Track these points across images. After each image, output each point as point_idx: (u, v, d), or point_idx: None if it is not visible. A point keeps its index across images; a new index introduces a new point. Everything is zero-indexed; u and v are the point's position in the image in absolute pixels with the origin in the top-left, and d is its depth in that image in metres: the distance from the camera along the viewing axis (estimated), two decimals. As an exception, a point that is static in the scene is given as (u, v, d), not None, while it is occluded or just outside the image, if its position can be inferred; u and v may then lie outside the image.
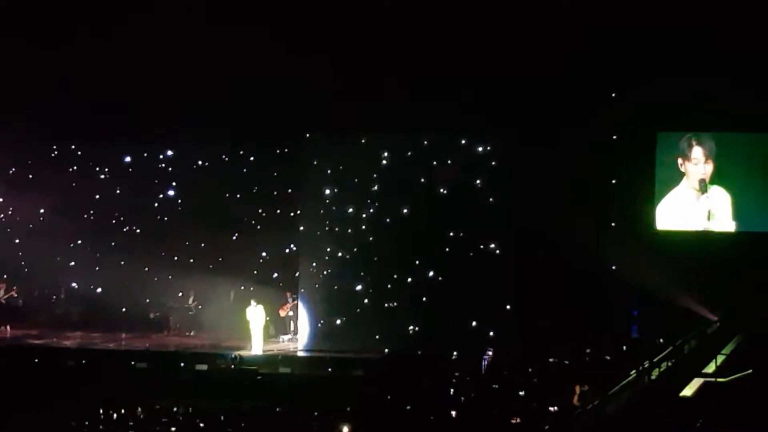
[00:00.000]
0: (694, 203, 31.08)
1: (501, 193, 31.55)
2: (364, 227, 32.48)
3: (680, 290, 29.98)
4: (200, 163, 35.67)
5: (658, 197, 31.43)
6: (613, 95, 30.93)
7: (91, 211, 36.33)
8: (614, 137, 31.30)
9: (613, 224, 31.14)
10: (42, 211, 36.28)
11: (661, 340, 28.98)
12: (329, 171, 32.67)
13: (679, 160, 31.07)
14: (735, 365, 24.84)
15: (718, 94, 29.31)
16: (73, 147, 36.15)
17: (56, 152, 36.25)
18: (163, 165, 36.05)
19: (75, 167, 36.34)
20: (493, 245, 31.75)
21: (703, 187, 30.89)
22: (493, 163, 31.48)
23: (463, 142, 31.68)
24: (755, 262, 29.86)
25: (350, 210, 32.50)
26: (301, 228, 33.30)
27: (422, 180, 32.17)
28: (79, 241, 36.26)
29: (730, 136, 31.00)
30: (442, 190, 31.89)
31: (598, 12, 29.91)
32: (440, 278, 31.96)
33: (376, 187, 32.41)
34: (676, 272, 29.85)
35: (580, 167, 30.54)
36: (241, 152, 35.15)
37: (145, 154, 35.83)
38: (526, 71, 30.30)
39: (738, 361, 25.20)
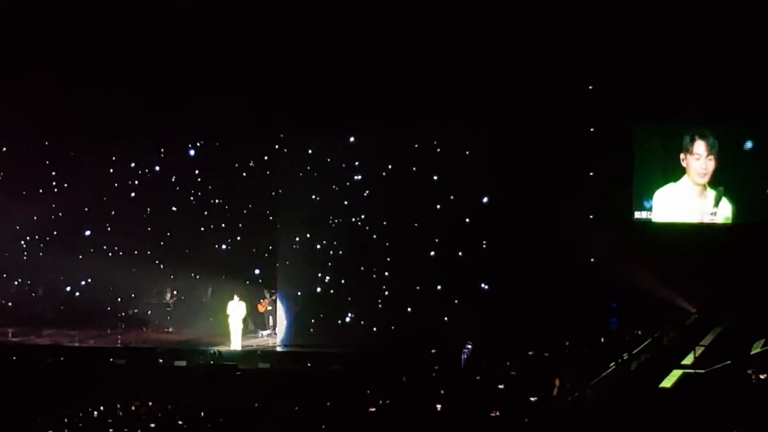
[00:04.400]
0: (692, 199, 31.07)
1: (479, 187, 31.59)
2: (342, 223, 32.51)
3: (659, 282, 30.01)
4: (177, 159, 35.59)
5: (636, 189, 31.48)
6: (590, 87, 30.98)
7: (68, 209, 36.27)
8: (591, 129, 31.33)
9: (591, 216, 31.18)
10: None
11: (639, 332, 29.04)
12: (307, 167, 32.68)
13: (682, 155, 31.04)
14: (714, 356, 24.91)
15: (695, 86, 29.40)
16: (46, 143, 35.99)
17: (30, 148, 36.08)
18: (141, 162, 35.91)
19: (48, 164, 36.20)
20: (471, 239, 31.81)
21: (703, 182, 30.88)
22: (471, 157, 31.47)
23: (439, 135, 31.68)
24: (734, 253, 29.90)
25: (328, 206, 32.50)
26: (279, 224, 33.31)
27: (399, 174, 32.19)
28: (56, 237, 36.26)
29: (721, 128, 30.99)
30: (418, 184, 31.90)
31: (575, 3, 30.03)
32: (419, 272, 31.98)
33: (353, 183, 32.43)
34: (654, 264, 29.88)
35: (557, 160, 30.57)
36: (220, 149, 35.07)
37: (121, 151, 35.64)
38: (501, 63, 30.33)
39: (717, 353, 25.26)
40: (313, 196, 32.55)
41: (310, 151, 32.70)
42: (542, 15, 30.09)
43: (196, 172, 35.37)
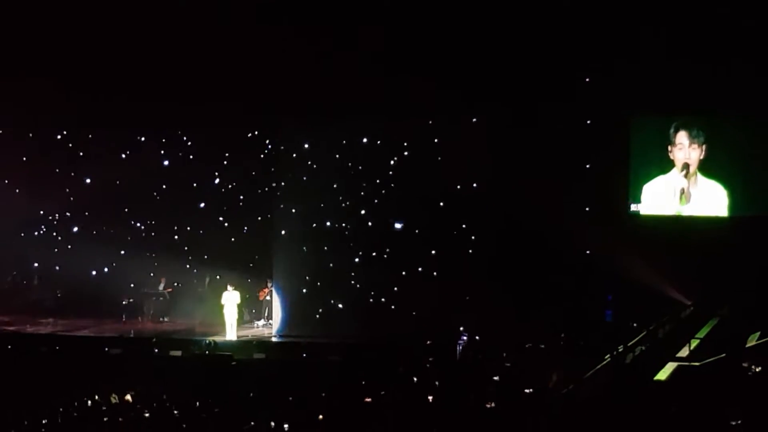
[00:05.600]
0: (679, 190, 31.07)
1: (477, 179, 31.60)
2: (339, 213, 32.51)
3: (654, 274, 30.01)
4: (176, 148, 35.58)
5: (632, 181, 31.48)
6: (587, 80, 30.96)
7: (67, 197, 36.25)
8: (588, 122, 31.32)
9: (587, 209, 31.18)
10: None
11: (635, 324, 29.04)
12: (306, 156, 32.72)
13: (669, 148, 31.06)
14: (709, 349, 24.90)
15: (694, 80, 29.39)
16: (46, 131, 35.90)
17: (31, 136, 36.04)
18: (138, 150, 35.86)
19: (48, 152, 36.13)
20: (468, 230, 31.83)
21: (687, 172, 30.89)
22: (468, 149, 31.44)
23: (436, 128, 31.67)
24: (730, 246, 29.91)
25: (326, 196, 32.49)
26: (277, 213, 33.32)
27: (397, 164, 32.21)
28: (53, 227, 36.27)
29: (717, 122, 31.00)
30: (415, 176, 31.89)
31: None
32: (415, 263, 31.99)
33: (352, 172, 32.43)
34: (650, 256, 29.88)
35: (554, 152, 30.56)
36: (218, 138, 35.04)
37: (119, 139, 35.60)
38: (499, 56, 30.31)
39: (712, 345, 25.26)
40: (312, 186, 32.54)
41: (309, 141, 32.68)
42: (539, 8, 30.06)
43: (194, 162, 35.36)
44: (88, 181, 35.88)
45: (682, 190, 30.94)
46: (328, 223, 32.59)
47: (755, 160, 30.73)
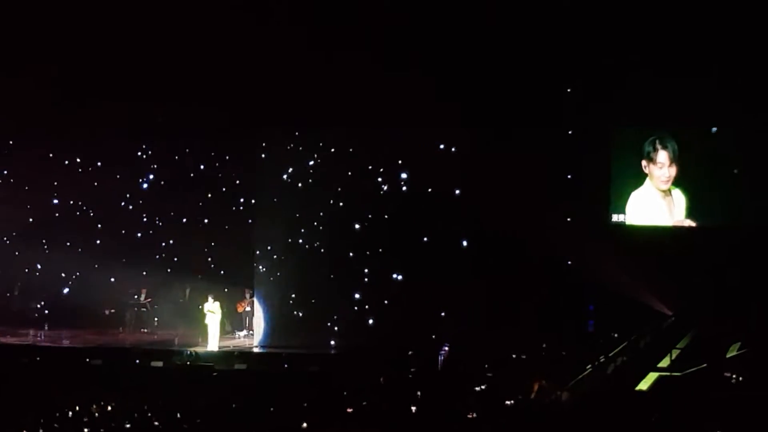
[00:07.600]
0: (657, 204, 31.14)
1: (458, 189, 31.62)
2: (320, 223, 32.48)
3: (636, 285, 30.05)
4: (155, 159, 35.51)
5: (613, 192, 31.52)
6: (569, 90, 31.02)
7: (45, 206, 36.15)
8: (569, 132, 31.36)
9: (568, 219, 31.21)
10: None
11: (616, 335, 29.09)
12: (285, 166, 32.67)
13: (643, 162, 31.10)
14: (690, 359, 24.97)
15: (674, 90, 29.47)
16: (26, 138, 35.77)
17: (11, 143, 35.91)
18: (119, 161, 35.78)
19: (28, 160, 35.98)
20: (449, 240, 31.82)
21: (666, 189, 30.96)
22: (450, 158, 31.49)
23: (418, 135, 31.67)
24: (711, 257, 29.97)
25: (306, 205, 32.47)
26: (257, 224, 33.28)
27: (378, 175, 32.20)
28: (34, 237, 36.14)
29: (690, 134, 31.08)
30: (398, 186, 31.92)
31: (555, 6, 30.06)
32: (397, 273, 31.99)
33: (332, 183, 32.41)
34: (631, 267, 29.92)
35: (535, 162, 30.57)
36: (197, 148, 35.01)
37: (101, 149, 35.49)
38: (481, 66, 30.33)
39: (693, 356, 25.33)
40: (292, 196, 32.51)
41: (289, 151, 32.67)
42: (522, 18, 30.10)
43: (175, 172, 35.31)
44: (72, 188, 35.77)
45: (671, 212, 31.05)
46: (310, 234, 32.53)
47: (726, 171, 30.80)
